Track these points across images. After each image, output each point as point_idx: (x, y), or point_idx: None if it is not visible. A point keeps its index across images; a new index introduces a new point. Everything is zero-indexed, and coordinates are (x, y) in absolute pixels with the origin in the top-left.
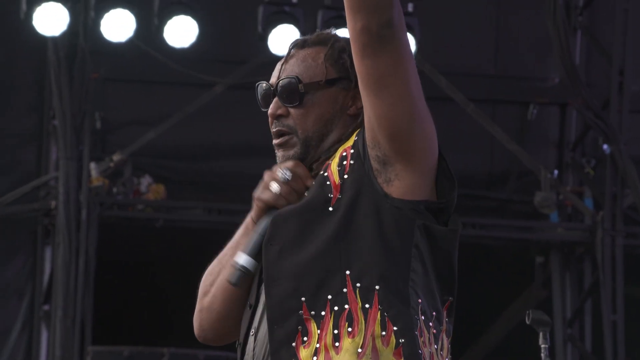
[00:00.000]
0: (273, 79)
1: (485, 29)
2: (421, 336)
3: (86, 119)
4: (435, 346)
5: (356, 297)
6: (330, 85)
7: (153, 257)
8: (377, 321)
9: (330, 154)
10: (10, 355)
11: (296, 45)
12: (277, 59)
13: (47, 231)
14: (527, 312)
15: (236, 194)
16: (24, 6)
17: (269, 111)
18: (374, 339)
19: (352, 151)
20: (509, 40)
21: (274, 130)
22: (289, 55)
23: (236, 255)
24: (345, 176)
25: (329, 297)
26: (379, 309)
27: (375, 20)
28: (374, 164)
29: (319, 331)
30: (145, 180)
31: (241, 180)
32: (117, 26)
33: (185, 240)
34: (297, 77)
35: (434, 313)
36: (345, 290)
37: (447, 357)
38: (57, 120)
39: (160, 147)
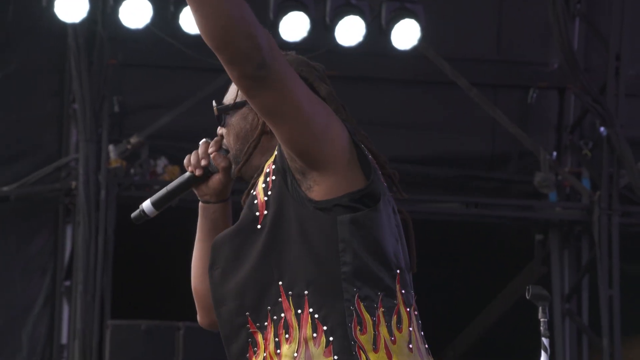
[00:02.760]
0: None
1: (488, 16)
2: (358, 324)
3: (105, 103)
4: (387, 323)
5: (290, 304)
6: (240, 107)
7: (168, 235)
8: (308, 324)
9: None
10: (33, 329)
11: None
12: (287, 45)
13: (68, 210)
14: (527, 287)
15: None
16: None
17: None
18: (306, 342)
19: (273, 167)
20: (511, 28)
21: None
22: None
23: (146, 200)
24: (269, 192)
25: (269, 308)
26: (310, 312)
27: (248, 67)
28: (296, 174)
29: (264, 341)
30: (161, 162)
31: None
32: (135, 13)
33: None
34: (219, 101)
35: (380, 293)
36: (280, 299)
37: (411, 327)
38: (77, 104)
39: (175, 130)
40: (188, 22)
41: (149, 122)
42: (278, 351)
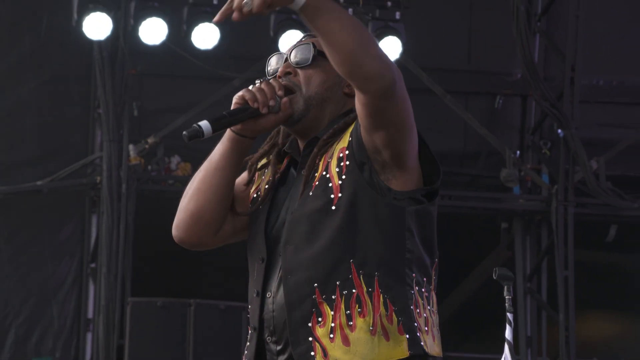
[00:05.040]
0: (286, 51)
1: (460, 32)
2: (417, 307)
3: (125, 108)
4: (429, 307)
5: (361, 282)
6: None
7: None
8: (381, 302)
9: (329, 142)
10: (63, 305)
11: (308, 35)
12: None
13: (94, 202)
14: (494, 269)
15: None
16: (75, 15)
17: (280, 69)
18: (381, 318)
19: (347, 152)
20: (480, 42)
21: (282, 84)
22: (302, 39)
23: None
24: (344, 177)
25: (338, 282)
26: (381, 292)
27: (384, 85)
28: (375, 165)
29: (332, 312)
30: (175, 160)
31: None
32: (152, 31)
33: None
34: (313, 43)
35: (425, 279)
36: (350, 276)
37: (437, 310)
38: (102, 109)
39: None
40: (198, 38)
41: (164, 125)
42: (350, 323)
